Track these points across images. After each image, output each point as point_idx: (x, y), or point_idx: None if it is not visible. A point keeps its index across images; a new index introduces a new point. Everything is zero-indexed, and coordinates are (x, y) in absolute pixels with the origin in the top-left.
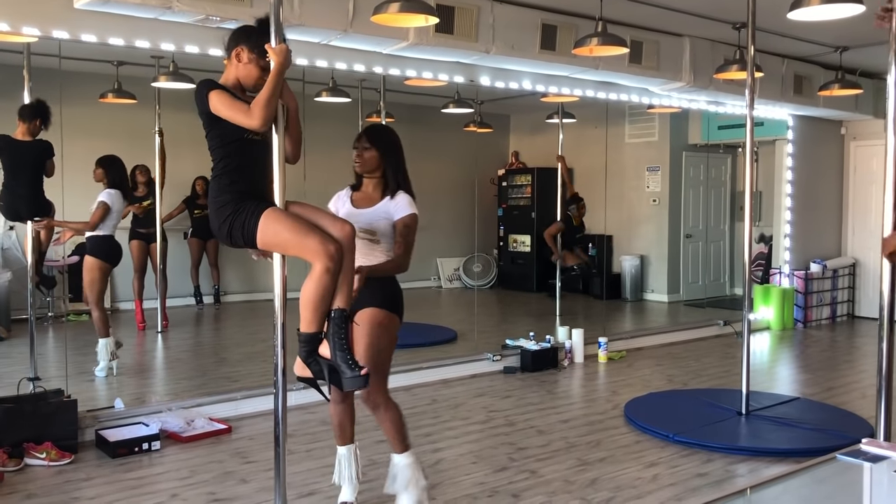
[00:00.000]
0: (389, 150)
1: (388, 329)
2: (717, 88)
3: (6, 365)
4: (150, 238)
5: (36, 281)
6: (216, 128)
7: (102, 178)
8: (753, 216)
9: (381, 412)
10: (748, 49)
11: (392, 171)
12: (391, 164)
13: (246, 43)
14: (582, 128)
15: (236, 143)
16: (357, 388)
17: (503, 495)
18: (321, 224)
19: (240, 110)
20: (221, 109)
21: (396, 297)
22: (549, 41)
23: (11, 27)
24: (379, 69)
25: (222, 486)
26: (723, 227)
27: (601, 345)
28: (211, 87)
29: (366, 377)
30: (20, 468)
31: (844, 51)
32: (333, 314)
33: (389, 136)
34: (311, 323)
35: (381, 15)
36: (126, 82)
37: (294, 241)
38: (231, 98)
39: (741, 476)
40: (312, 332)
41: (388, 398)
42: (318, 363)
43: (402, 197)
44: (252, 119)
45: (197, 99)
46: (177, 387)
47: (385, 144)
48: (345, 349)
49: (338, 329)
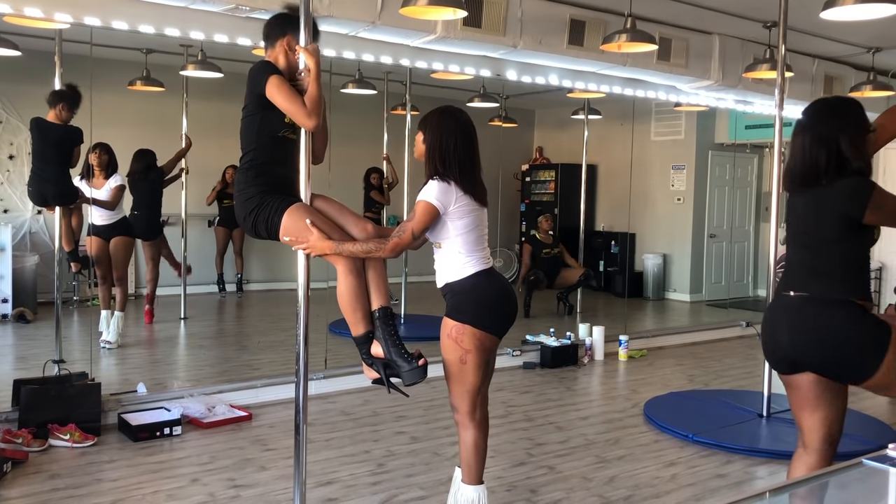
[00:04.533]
0: (429, 131)
1: (457, 340)
2: (745, 87)
3: (32, 347)
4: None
5: (78, 267)
6: (259, 115)
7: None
8: (779, 217)
9: (459, 430)
10: (779, 48)
11: (427, 154)
12: (427, 145)
13: (295, 32)
14: (607, 124)
15: (270, 136)
16: (416, 380)
17: (521, 490)
18: (343, 223)
19: (299, 105)
20: (278, 98)
21: (462, 303)
22: (577, 37)
23: (45, 13)
24: (406, 62)
25: (242, 472)
26: (747, 228)
27: (622, 343)
28: (273, 71)
29: (423, 368)
30: (44, 449)
31: (877, 52)
32: (378, 314)
33: (432, 116)
34: (355, 325)
35: (409, 7)
36: (155, 70)
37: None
38: (291, 89)
39: (761, 478)
40: (361, 334)
41: (466, 419)
42: (376, 364)
43: (428, 182)
44: (310, 118)
45: (253, 77)
46: (199, 373)
47: (427, 125)
48: (397, 344)
49: (385, 326)
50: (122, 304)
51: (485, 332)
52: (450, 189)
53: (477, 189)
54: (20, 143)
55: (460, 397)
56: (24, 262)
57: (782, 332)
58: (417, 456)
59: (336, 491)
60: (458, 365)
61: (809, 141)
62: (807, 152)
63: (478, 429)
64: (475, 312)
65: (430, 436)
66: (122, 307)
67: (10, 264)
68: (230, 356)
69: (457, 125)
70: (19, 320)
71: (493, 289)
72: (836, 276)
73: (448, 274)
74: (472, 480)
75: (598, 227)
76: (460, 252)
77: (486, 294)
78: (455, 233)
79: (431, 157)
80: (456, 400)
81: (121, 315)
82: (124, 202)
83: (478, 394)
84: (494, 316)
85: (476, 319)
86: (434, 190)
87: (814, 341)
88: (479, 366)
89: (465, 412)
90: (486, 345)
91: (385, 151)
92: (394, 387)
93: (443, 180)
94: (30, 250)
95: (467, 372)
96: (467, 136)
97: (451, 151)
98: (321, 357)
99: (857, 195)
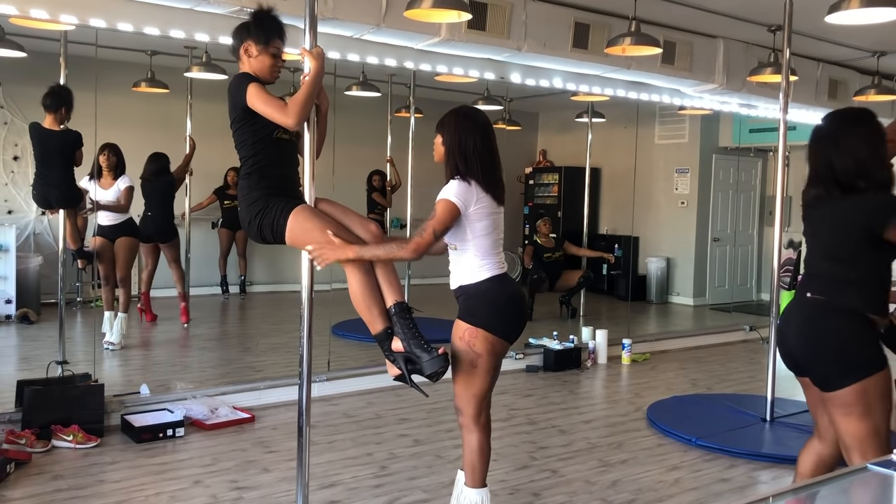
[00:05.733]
0: (448, 132)
1: (469, 343)
2: (749, 91)
3: (36, 348)
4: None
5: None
6: (248, 124)
7: (116, 164)
8: (783, 221)
9: (463, 434)
10: (783, 52)
11: (447, 154)
12: (446, 146)
13: (248, 37)
14: (611, 127)
15: (265, 140)
16: (437, 369)
17: (524, 493)
18: (348, 224)
19: (276, 107)
20: (257, 104)
21: (475, 306)
22: (581, 40)
23: (50, 15)
24: (410, 64)
25: (244, 474)
26: (751, 232)
27: (625, 346)
28: (250, 80)
29: (445, 356)
30: (47, 450)
31: (882, 55)
32: (394, 310)
33: (449, 117)
34: (372, 322)
35: (414, 10)
36: (159, 72)
37: (322, 242)
38: (268, 93)
39: (764, 483)
40: (380, 331)
41: (471, 423)
42: (397, 359)
43: (450, 182)
44: (287, 117)
45: (233, 91)
46: (201, 375)
47: (445, 126)
48: (417, 336)
49: (402, 321)
50: (125, 306)
51: (497, 336)
52: (471, 189)
53: (498, 188)
54: (25, 145)
55: (466, 401)
56: (28, 263)
57: (791, 330)
58: (420, 459)
59: (339, 493)
60: (468, 368)
61: (832, 151)
62: (829, 162)
63: (482, 432)
64: (488, 317)
65: (432, 439)
66: (124, 308)
67: (13, 265)
68: (233, 358)
69: (475, 124)
70: (23, 321)
71: (506, 294)
72: (854, 287)
73: (463, 276)
74: (475, 484)
75: (602, 231)
76: (476, 255)
77: (500, 299)
78: (472, 235)
79: (451, 157)
80: (462, 403)
81: (124, 316)
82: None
83: (485, 398)
84: (507, 321)
85: (489, 323)
86: (455, 189)
87: (809, 343)
88: (488, 370)
89: (471, 415)
90: (497, 349)
91: (389, 154)
92: (415, 385)
93: (464, 180)
94: (34, 251)
95: (477, 376)
96: (486, 135)
97: (471, 150)
98: (324, 359)
99: (881, 210)
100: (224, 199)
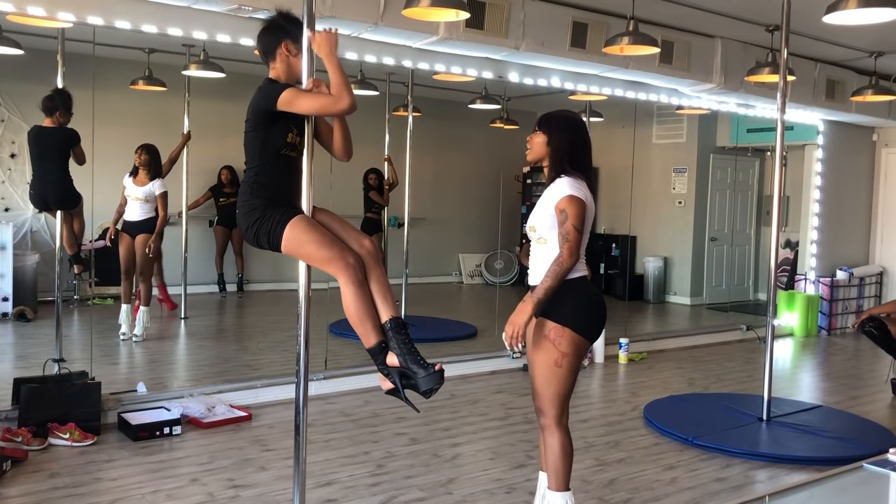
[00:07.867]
0: (555, 131)
1: (555, 342)
2: (747, 91)
3: (32, 346)
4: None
5: (81, 269)
6: (262, 132)
7: (149, 162)
8: (780, 221)
9: (545, 436)
10: (781, 52)
11: (553, 154)
12: (553, 145)
13: (286, 36)
14: (609, 127)
15: (272, 154)
16: (433, 386)
17: (520, 492)
18: (344, 238)
19: (325, 98)
20: (302, 104)
21: (569, 309)
22: (579, 39)
23: (48, 12)
24: (408, 63)
25: (241, 472)
26: (748, 232)
27: (622, 346)
28: (286, 85)
29: (440, 373)
30: (44, 447)
31: (879, 56)
32: (389, 325)
33: (557, 118)
34: (366, 336)
35: (412, 9)
36: (157, 70)
37: (317, 255)
38: (308, 91)
39: (760, 482)
40: (374, 345)
41: (553, 424)
42: (391, 374)
43: (560, 180)
44: (341, 102)
45: (261, 96)
46: (199, 373)
47: (551, 126)
48: (412, 352)
49: (397, 336)
50: (147, 299)
51: (583, 337)
52: (583, 185)
53: (593, 190)
54: (22, 142)
55: (550, 401)
56: (25, 261)
57: None
58: (417, 457)
59: (335, 492)
60: (551, 368)
61: None
62: None
63: (565, 434)
64: (577, 317)
65: (429, 437)
66: (146, 302)
67: (10, 263)
68: (230, 356)
69: (580, 127)
70: (20, 319)
71: (593, 294)
72: None
73: None
74: (559, 487)
75: (599, 230)
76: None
77: (589, 299)
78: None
79: (559, 156)
80: (544, 404)
81: (146, 310)
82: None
83: (568, 398)
84: (595, 322)
85: (577, 323)
86: (574, 185)
87: None
88: (573, 370)
89: (553, 416)
90: (582, 350)
91: (386, 152)
92: (408, 400)
93: (575, 178)
94: (30, 249)
95: (561, 375)
96: (587, 139)
97: (578, 151)
98: (321, 358)
99: None
100: (219, 196)
